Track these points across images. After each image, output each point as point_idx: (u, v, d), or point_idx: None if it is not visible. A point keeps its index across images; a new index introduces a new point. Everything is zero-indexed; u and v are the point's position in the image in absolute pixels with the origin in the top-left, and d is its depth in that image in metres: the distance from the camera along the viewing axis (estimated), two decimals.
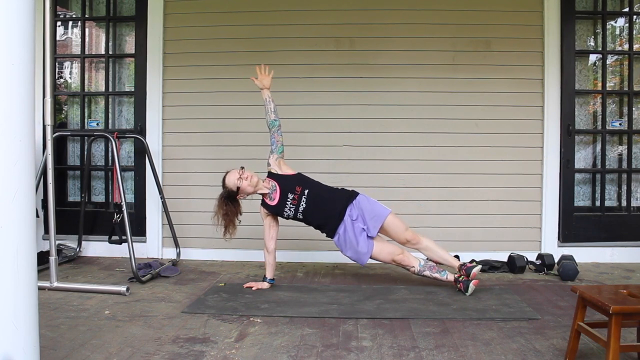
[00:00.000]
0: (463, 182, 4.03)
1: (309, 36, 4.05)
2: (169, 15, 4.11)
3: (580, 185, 4.22)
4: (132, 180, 4.29)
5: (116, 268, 3.79)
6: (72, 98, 4.49)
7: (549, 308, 2.82)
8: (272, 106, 3.28)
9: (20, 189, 1.60)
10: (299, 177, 3.23)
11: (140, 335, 2.38)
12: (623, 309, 1.76)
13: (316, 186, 3.22)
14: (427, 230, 4.00)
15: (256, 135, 4.08)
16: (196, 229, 4.10)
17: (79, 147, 4.41)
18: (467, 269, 3.06)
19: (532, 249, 3.98)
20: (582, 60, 4.23)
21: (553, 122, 4.01)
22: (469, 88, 4.01)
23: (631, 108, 4.15)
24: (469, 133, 4.02)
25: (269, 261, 3.21)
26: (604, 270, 3.76)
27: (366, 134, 4.05)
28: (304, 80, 4.06)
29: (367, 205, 3.17)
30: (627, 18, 4.17)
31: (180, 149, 4.14)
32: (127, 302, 2.91)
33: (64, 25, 4.53)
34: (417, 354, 2.16)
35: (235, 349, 2.22)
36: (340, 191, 3.24)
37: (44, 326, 2.41)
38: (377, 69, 4.04)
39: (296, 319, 2.63)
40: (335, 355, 2.15)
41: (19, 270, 1.60)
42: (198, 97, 4.12)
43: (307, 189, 3.15)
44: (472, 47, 4.02)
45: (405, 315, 2.67)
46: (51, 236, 3.06)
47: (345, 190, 3.26)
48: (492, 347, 2.24)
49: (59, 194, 4.20)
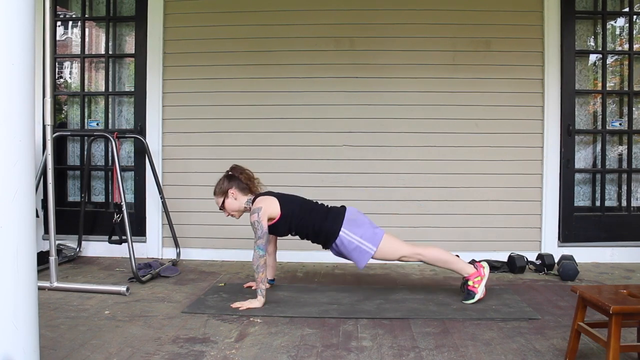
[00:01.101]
0: (463, 182, 4.03)
1: (308, 36, 4.04)
2: (169, 15, 4.11)
3: (580, 185, 4.22)
4: (132, 180, 4.29)
5: (116, 268, 3.79)
6: (72, 98, 4.48)
7: (549, 308, 2.82)
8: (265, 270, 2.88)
9: (20, 189, 1.60)
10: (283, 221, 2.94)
11: (140, 335, 2.38)
12: (623, 309, 1.76)
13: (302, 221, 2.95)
14: (427, 230, 4.02)
15: (256, 135, 4.09)
16: (196, 229, 4.11)
17: (79, 147, 4.41)
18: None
19: (532, 249, 3.98)
20: (582, 60, 4.23)
21: (553, 122, 4.01)
22: (469, 88, 4.01)
23: (631, 108, 4.15)
24: (469, 133, 4.02)
25: (269, 262, 3.20)
26: (604, 270, 3.76)
27: (366, 134, 4.05)
28: (304, 80, 4.06)
29: (345, 249, 2.88)
30: (627, 18, 4.17)
31: (180, 149, 4.14)
32: (127, 302, 2.91)
33: (64, 25, 4.53)
34: (417, 354, 2.16)
35: (235, 349, 2.22)
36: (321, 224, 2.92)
37: (44, 326, 2.41)
38: (377, 69, 4.04)
39: (296, 319, 2.63)
40: (335, 355, 2.15)
41: (19, 270, 1.60)
42: (198, 97, 4.12)
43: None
44: (472, 47, 4.02)
45: (405, 315, 2.67)
46: (51, 236, 3.06)
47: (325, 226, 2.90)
48: (492, 347, 2.24)
49: (59, 194, 4.20)
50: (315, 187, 4.02)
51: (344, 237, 2.84)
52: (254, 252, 2.81)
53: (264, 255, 2.80)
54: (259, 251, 2.80)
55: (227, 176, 3.03)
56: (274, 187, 4.12)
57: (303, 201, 3.02)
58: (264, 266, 2.81)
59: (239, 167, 3.06)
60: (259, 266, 2.79)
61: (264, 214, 2.84)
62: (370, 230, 2.86)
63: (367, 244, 2.83)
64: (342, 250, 2.88)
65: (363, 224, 2.89)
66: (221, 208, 3.05)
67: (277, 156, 4.08)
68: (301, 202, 2.99)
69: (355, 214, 2.95)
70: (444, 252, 2.93)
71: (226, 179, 3.02)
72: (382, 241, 2.84)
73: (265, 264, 2.81)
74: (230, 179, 3.01)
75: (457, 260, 2.94)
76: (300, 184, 4.02)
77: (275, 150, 4.08)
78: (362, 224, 2.89)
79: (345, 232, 2.85)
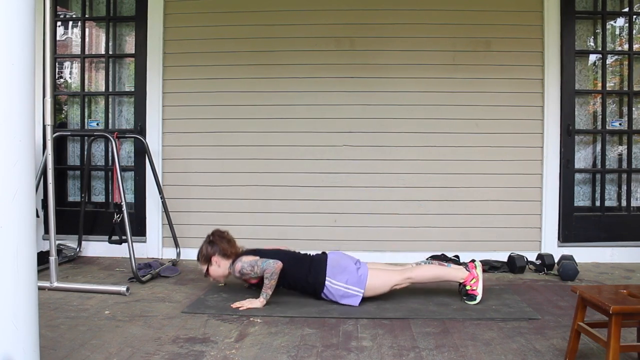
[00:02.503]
0: (463, 182, 4.03)
1: (309, 36, 4.04)
2: (169, 15, 4.11)
3: (580, 185, 4.22)
4: (132, 180, 4.29)
5: (116, 268, 3.79)
6: (72, 98, 4.48)
7: (549, 308, 2.82)
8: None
9: (20, 189, 1.60)
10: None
11: (140, 335, 2.38)
12: (623, 309, 1.76)
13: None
14: (427, 230, 4.02)
15: (256, 135, 4.09)
16: (196, 229, 4.09)
17: (79, 147, 4.41)
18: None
19: (532, 249, 3.98)
20: (582, 60, 4.23)
21: (553, 122, 4.01)
22: (469, 88, 4.01)
23: (631, 108, 4.15)
24: (469, 133, 4.02)
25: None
26: (604, 270, 3.76)
27: (366, 134, 4.05)
28: (304, 80, 4.06)
29: (334, 297, 2.88)
30: (627, 18, 4.17)
31: (180, 149, 4.14)
32: (127, 302, 2.91)
33: (64, 25, 4.53)
34: (417, 354, 2.16)
35: (235, 349, 2.22)
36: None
37: (44, 326, 2.41)
38: (377, 69, 4.04)
39: (296, 319, 2.63)
40: (335, 355, 2.15)
41: (19, 270, 1.60)
42: (198, 97, 4.12)
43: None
44: (472, 47, 4.02)
45: (405, 315, 2.67)
46: (51, 236, 3.06)
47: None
48: (492, 347, 2.24)
49: (59, 194, 4.20)
50: (315, 187, 4.02)
51: (330, 285, 2.85)
52: (272, 265, 2.81)
53: (281, 265, 2.82)
54: (275, 263, 2.82)
55: (209, 242, 3.01)
56: (274, 187, 4.15)
57: (285, 254, 3.00)
58: (278, 274, 2.82)
59: (219, 232, 3.06)
60: (273, 273, 2.81)
61: (249, 261, 2.87)
62: (354, 274, 2.85)
63: (353, 289, 2.84)
64: (332, 298, 2.89)
65: (346, 268, 2.87)
66: (206, 275, 3.05)
67: (277, 156, 4.08)
68: (283, 256, 2.94)
69: (337, 259, 2.94)
70: (432, 268, 2.97)
71: (208, 245, 3.00)
72: (369, 280, 2.84)
73: (279, 273, 2.83)
74: (212, 245, 2.99)
75: (447, 271, 2.96)
76: (301, 184, 4.03)
77: (275, 150, 4.08)
78: (345, 268, 2.88)
79: (331, 281, 2.85)
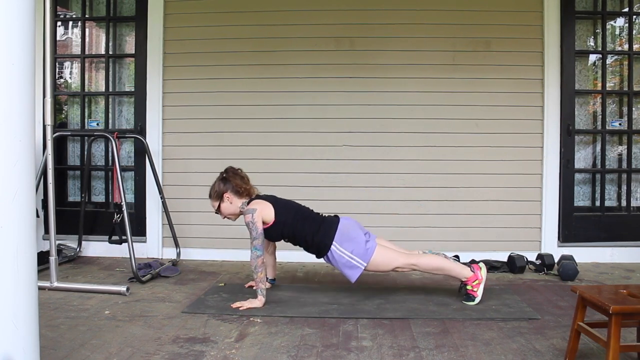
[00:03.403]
0: (463, 182, 4.03)
1: (309, 36, 4.04)
2: (169, 15, 4.11)
3: (580, 185, 4.22)
4: (132, 180, 4.29)
5: (116, 268, 3.79)
6: (72, 98, 4.49)
7: (549, 308, 2.82)
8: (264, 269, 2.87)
9: (20, 189, 1.60)
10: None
11: (140, 335, 2.38)
12: (623, 309, 1.76)
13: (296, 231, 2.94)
14: (427, 230, 4.02)
15: (256, 135, 4.09)
16: (196, 229, 4.11)
17: (79, 147, 4.41)
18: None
19: (532, 249, 3.98)
20: (582, 60, 4.23)
21: (553, 122, 4.01)
22: (469, 88, 4.01)
23: (631, 108, 4.15)
24: (469, 133, 4.02)
25: (269, 262, 3.20)
26: (604, 270, 3.76)
27: (366, 134, 4.05)
28: (304, 80, 4.06)
29: (336, 263, 2.86)
30: (627, 18, 4.17)
31: (180, 149, 4.14)
32: (127, 302, 2.91)
33: (64, 25, 4.53)
34: (417, 354, 2.16)
35: (235, 349, 2.22)
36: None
37: (44, 326, 2.41)
38: (377, 69, 4.04)
39: (296, 319, 2.63)
40: (335, 355, 2.15)
41: (19, 270, 1.60)
42: (198, 97, 4.12)
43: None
44: (472, 47, 4.02)
45: (405, 315, 2.67)
46: (51, 236, 3.06)
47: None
48: (492, 347, 2.24)
49: (59, 194, 4.20)
50: (315, 187, 4.02)
51: (335, 251, 2.81)
52: (251, 253, 2.81)
53: (261, 255, 2.80)
54: (255, 251, 2.80)
55: (222, 179, 2.99)
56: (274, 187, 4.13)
57: (297, 209, 2.97)
58: (262, 265, 2.80)
59: (233, 169, 3.02)
60: (257, 266, 2.79)
61: (258, 215, 2.83)
62: (362, 246, 2.80)
63: (357, 260, 2.79)
64: (334, 263, 2.87)
65: (355, 238, 2.82)
66: (217, 211, 3.03)
67: (277, 156, 4.08)
68: (295, 211, 2.95)
69: (348, 226, 2.87)
70: (438, 259, 2.88)
71: (221, 182, 2.98)
72: (374, 255, 2.79)
73: (263, 264, 2.81)
74: (224, 182, 2.97)
75: (452, 265, 2.89)
76: (301, 183, 4.02)
77: (276, 150, 4.08)
78: (354, 238, 2.82)
79: (337, 246, 2.81)
